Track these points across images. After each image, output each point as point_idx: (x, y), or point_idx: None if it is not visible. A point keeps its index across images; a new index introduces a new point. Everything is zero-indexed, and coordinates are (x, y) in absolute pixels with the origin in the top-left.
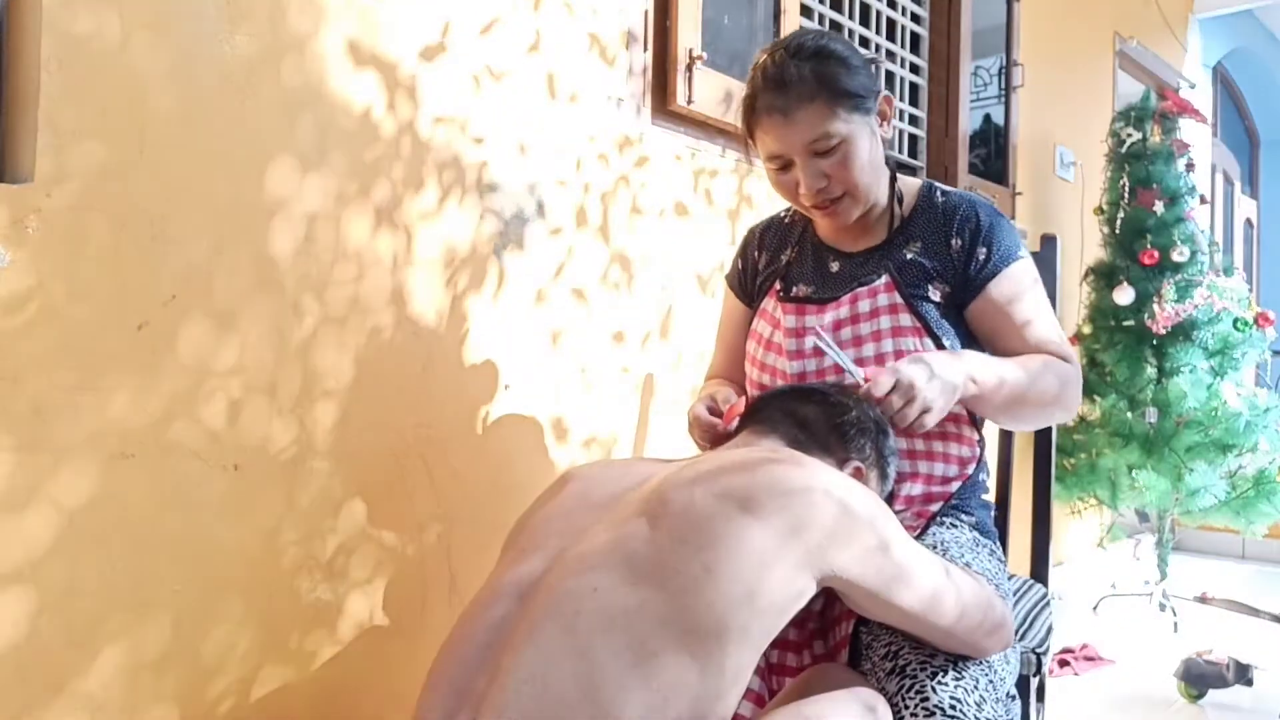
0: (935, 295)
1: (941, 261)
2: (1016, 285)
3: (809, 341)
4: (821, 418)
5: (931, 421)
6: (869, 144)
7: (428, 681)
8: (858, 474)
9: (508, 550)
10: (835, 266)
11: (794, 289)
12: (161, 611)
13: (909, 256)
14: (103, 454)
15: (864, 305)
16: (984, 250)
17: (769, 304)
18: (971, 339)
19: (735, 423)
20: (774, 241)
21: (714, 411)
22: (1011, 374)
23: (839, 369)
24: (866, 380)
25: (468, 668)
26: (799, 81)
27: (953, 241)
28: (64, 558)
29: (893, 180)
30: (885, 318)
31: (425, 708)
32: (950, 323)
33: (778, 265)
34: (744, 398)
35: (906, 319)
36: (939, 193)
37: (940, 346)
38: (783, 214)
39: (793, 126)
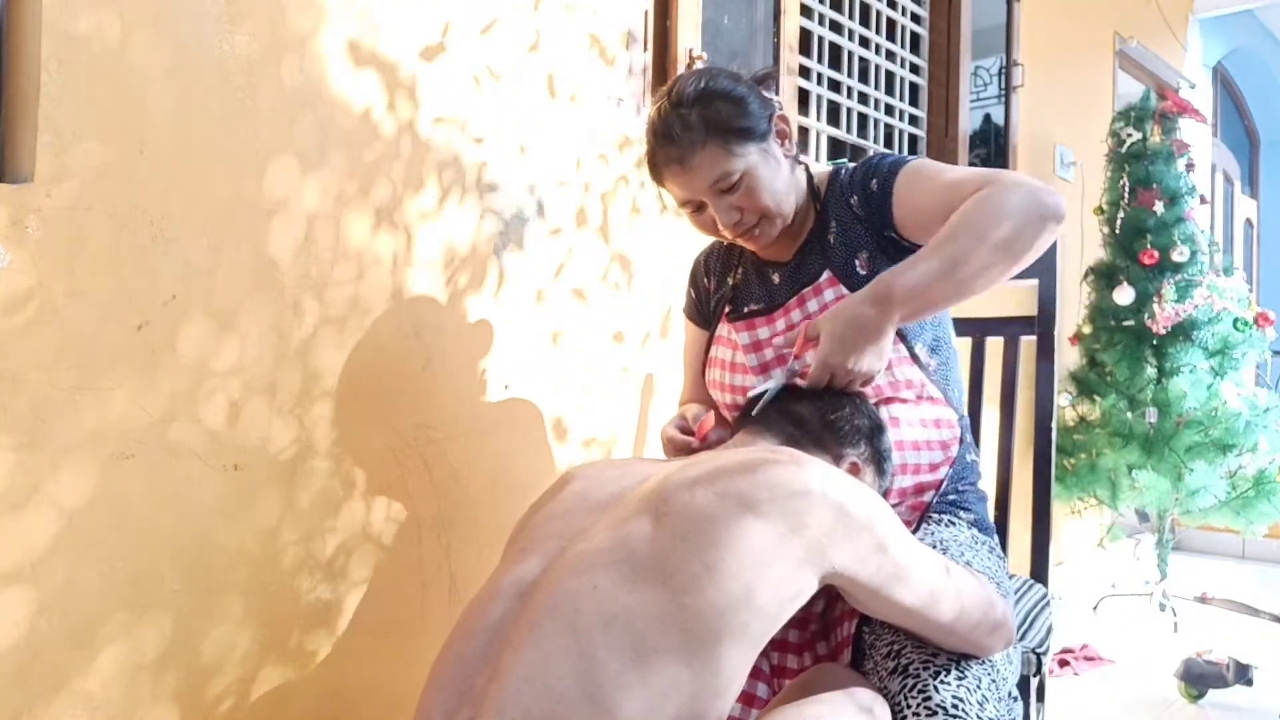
0: (862, 269)
1: (853, 228)
2: (916, 174)
3: (768, 353)
4: (815, 415)
5: (876, 377)
6: (771, 168)
7: (429, 680)
8: (854, 470)
9: (508, 550)
10: (777, 278)
11: (744, 308)
12: (161, 611)
13: (831, 240)
14: (103, 454)
15: (812, 305)
16: (874, 181)
17: (723, 329)
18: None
19: (713, 435)
20: (718, 266)
21: (685, 430)
22: (935, 252)
23: (805, 374)
24: (802, 377)
25: (468, 666)
26: (686, 129)
27: (851, 201)
28: (64, 557)
29: (809, 180)
30: None
31: (427, 707)
32: None
33: (725, 289)
34: (712, 412)
35: None
36: (844, 170)
37: None
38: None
39: (692, 173)
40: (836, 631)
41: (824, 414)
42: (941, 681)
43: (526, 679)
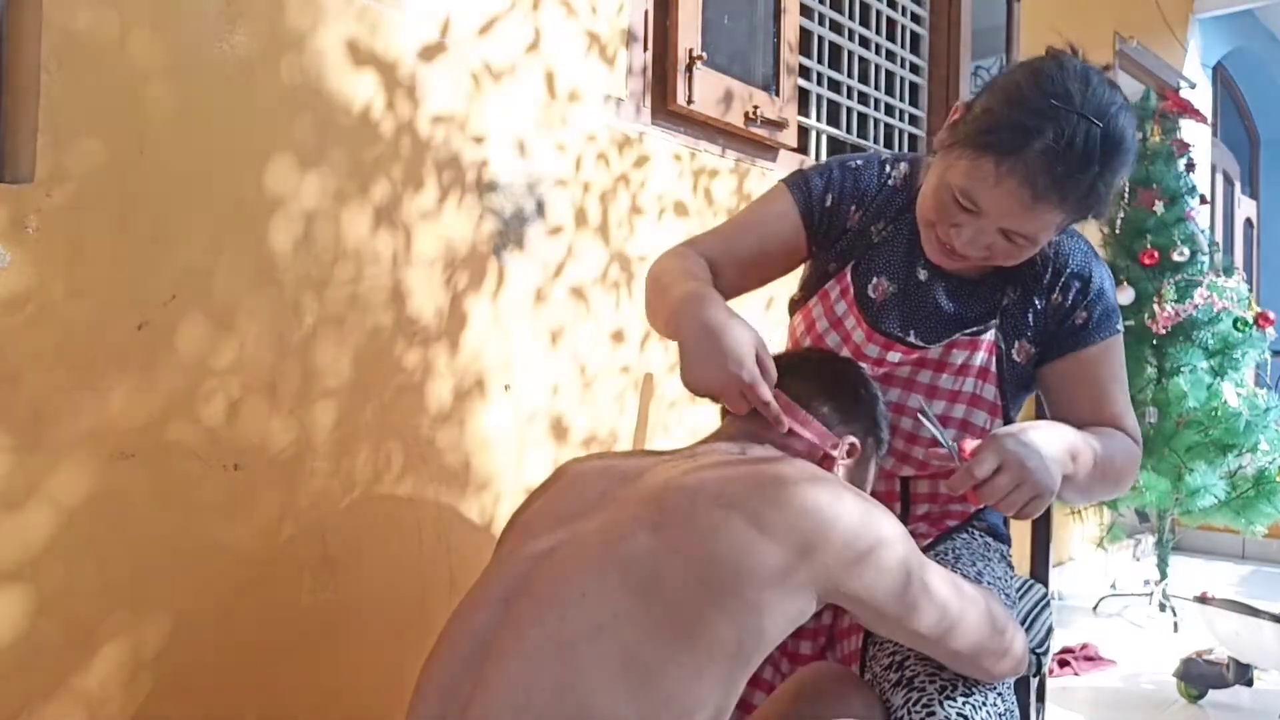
0: (1019, 356)
1: (1034, 315)
2: (1105, 357)
3: (912, 400)
4: (812, 394)
5: (1039, 510)
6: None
7: (417, 687)
8: (853, 449)
9: (499, 549)
10: (923, 275)
11: (873, 280)
12: (160, 611)
13: (1004, 303)
14: (102, 454)
15: (957, 357)
16: (1084, 314)
17: (839, 304)
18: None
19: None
20: (874, 206)
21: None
22: (1093, 449)
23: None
24: (965, 458)
25: (454, 674)
26: (1074, 189)
27: (1054, 296)
28: (63, 557)
29: None
30: (971, 381)
31: (413, 714)
32: (1024, 394)
33: (866, 239)
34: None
35: (990, 392)
36: (1056, 240)
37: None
38: (889, 169)
39: (1022, 215)
40: (843, 644)
41: (820, 395)
42: (947, 698)
43: (510, 690)
